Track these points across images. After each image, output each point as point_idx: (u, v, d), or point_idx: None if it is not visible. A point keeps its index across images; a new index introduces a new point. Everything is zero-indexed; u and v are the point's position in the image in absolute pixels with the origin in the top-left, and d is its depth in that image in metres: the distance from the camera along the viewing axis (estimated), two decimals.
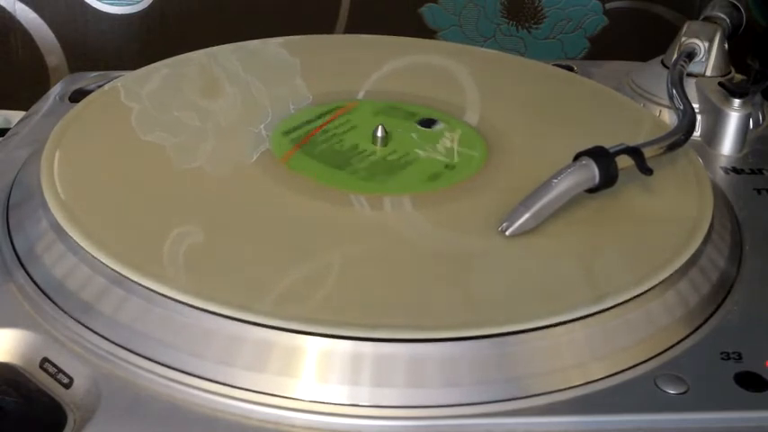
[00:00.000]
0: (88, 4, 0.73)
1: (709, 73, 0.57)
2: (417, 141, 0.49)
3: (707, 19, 0.59)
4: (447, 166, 0.47)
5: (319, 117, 0.51)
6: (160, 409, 0.34)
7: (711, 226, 0.43)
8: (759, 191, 0.49)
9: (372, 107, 0.53)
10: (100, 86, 0.54)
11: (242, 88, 0.54)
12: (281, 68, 0.58)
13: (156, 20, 0.74)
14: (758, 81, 0.54)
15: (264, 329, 0.35)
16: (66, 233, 0.40)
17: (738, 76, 0.57)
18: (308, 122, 0.50)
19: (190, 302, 0.36)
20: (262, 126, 0.50)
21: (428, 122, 0.51)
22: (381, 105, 0.53)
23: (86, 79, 0.59)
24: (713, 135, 0.53)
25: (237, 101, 0.53)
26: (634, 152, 0.44)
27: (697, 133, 0.53)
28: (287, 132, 0.49)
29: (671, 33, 0.59)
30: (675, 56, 0.57)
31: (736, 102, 0.52)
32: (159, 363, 0.36)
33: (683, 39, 0.57)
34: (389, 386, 0.35)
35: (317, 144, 0.48)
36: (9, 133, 0.53)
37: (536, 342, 0.36)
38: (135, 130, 0.49)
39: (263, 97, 0.53)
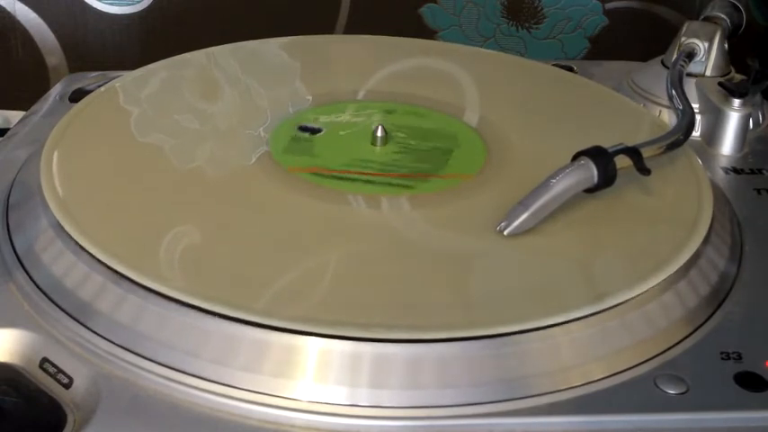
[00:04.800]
0: (88, 4, 0.73)
1: (709, 73, 0.57)
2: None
3: (707, 19, 0.59)
4: (418, 115, 0.52)
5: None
6: (160, 409, 0.34)
7: (711, 226, 0.43)
8: (759, 191, 0.49)
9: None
10: (100, 86, 0.54)
11: (241, 89, 0.54)
12: (280, 69, 0.58)
13: (156, 20, 0.74)
14: (758, 81, 0.54)
15: (264, 330, 0.35)
16: (66, 233, 0.40)
17: (738, 76, 0.57)
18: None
19: (189, 302, 0.36)
20: (261, 128, 0.50)
21: (310, 129, 0.50)
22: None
23: (86, 79, 0.59)
24: (713, 135, 0.53)
25: (236, 101, 0.53)
26: (632, 152, 0.44)
27: (697, 133, 0.53)
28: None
29: (671, 33, 0.59)
30: (675, 56, 0.57)
31: (736, 102, 0.52)
32: (159, 363, 0.36)
33: (683, 39, 0.57)
34: (389, 386, 0.35)
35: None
36: (9, 133, 0.53)
37: (535, 342, 0.36)
38: (134, 129, 0.49)
39: (262, 98, 0.53)
